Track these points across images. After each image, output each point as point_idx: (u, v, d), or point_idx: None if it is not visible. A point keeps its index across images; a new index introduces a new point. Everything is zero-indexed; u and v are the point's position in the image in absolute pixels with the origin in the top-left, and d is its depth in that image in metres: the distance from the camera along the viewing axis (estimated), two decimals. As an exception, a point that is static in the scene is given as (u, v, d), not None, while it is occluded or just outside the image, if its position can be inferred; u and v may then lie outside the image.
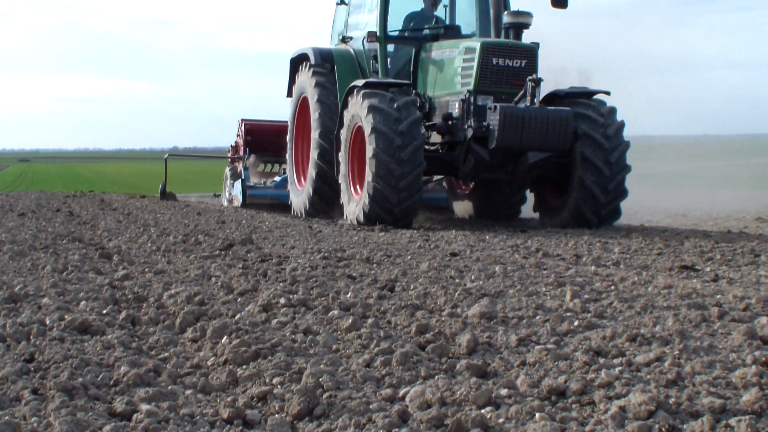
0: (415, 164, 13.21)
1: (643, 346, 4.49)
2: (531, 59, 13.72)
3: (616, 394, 3.53)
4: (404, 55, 15.63)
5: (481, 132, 13.32)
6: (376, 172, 13.07)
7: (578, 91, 14.23)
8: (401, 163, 13.09)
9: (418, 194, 13.58)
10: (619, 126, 13.82)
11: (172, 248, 9.42)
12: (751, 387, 3.51)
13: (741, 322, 5.07)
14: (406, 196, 13.25)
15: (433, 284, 6.67)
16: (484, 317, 5.22)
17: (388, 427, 3.21)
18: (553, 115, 13.14)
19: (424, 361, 4.20)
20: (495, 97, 13.49)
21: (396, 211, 13.23)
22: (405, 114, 13.41)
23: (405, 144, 13.12)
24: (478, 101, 13.54)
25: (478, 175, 14.38)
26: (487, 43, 13.78)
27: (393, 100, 13.60)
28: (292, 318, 5.34)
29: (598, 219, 13.54)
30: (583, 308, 5.62)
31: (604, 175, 13.44)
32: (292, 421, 3.41)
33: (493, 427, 3.22)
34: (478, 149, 13.54)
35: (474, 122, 13.35)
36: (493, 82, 13.62)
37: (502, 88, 13.64)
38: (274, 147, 21.82)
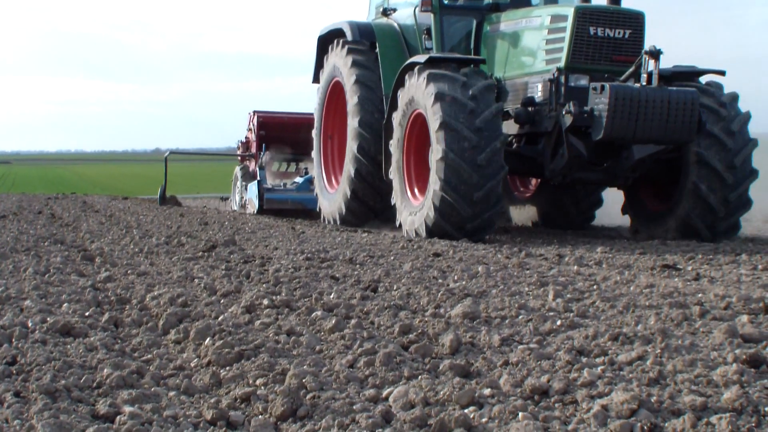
0: (495, 170, 10.75)
1: (626, 345, 4.51)
2: (637, 29, 11.05)
3: (599, 392, 3.55)
4: (461, 29, 12.93)
5: (582, 120, 10.58)
6: (445, 180, 10.65)
7: (685, 70, 11.55)
8: (478, 169, 10.62)
9: (498, 206, 11.13)
10: (744, 119, 11.24)
11: (154, 250, 9.40)
12: (731, 385, 3.53)
13: (722, 321, 5.10)
14: (483, 209, 10.81)
15: (416, 284, 6.68)
16: (467, 317, 5.24)
17: (372, 427, 3.22)
18: (676, 97, 10.35)
19: (408, 362, 4.21)
20: (591, 77, 10.87)
21: (468, 227, 10.84)
22: (483, 104, 10.85)
23: (483, 144, 10.65)
24: (570, 81, 11.01)
25: (571, 175, 11.63)
26: (582, 8, 11.02)
27: (467, 85, 10.95)
28: (276, 319, 5.34)
29: (713, 234, 11.18)
30: (565, 308, 5.65)
31: (726, 182, 11.01)
32: (276, 422, 3.41)
33: (476, 426, 3.23)
34: (575, 142, 10.96)
35: (574, 107, 10.53)
36: (590, 57, 10.96)
37: (601, 64, 11.02)
38: (291, 143, 19.22)
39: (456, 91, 10.90)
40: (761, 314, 5.39)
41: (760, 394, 3.43)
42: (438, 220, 10.88)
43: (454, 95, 10.85)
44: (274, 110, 21.29)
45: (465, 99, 10.83)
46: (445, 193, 10.71)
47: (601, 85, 10.39)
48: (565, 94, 10.98)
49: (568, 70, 11.03)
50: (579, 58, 10.98)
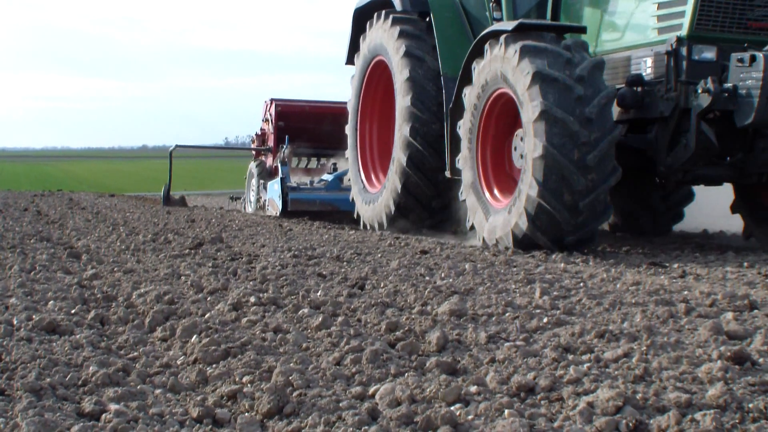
0: (607, 173, 8.82)
1: (612, 342, 4.52)
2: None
3: (585, 390, 3.56)
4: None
5: (722, 101, 8.58)
6: (544, 183, 8.75)
7: None
8: (586, 171, 8.70)
9: (606, 217, 9.27)
10: None
11: (141, 247, 9.38)
12: (716, 382, 3.55)
13: (707, 318, 5.12)
14: (588, 219, 8.94)
15: (403, 282, 6.68)
16: (453, 315, 5.24)
17: (358, 425, 3.22)
18: None
19: (394, 359, 4.21)
20: (719, 48, 8.96)
21: (568, 240, 9.03)
22: (592, 87, 8.88)
23: (594, 140, 8.70)
24: (693, 54, 8.97)
25: (693, 171, 9.53)
26: None
27: (572, 62, 8.96)
28: (262, 316, 5.34)
29: None
30: (552, 305, 5.66)
31: None
32: (262, 419, 3.41)
33: (462, 424, 3.23)
34: (706, 129, 8.88)
35: (713, 85, 8.51)
36: (719, 23, 8.97)
37: (732, 32, 9.00)
38: (314, 135, 17.37)
39: (560, 71, 8.87)
40: (746, 311, 5.41)
41: (744, 390, 3.45)
42: (531, 231, 8.97)
43: (558, 76, 8.81)
44: (293, 98, 19.28)
45: (571, 81, 8.82)
46: (543, 199, 8.74)
47: (750, 56, 8.34)
48: (687, 69, 8.88)
49: (691, 40, 8.91)
50: (705, 25, 8.89)
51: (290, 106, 18.28)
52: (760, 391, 3.46)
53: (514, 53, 9.15)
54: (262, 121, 18.88)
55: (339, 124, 15.80)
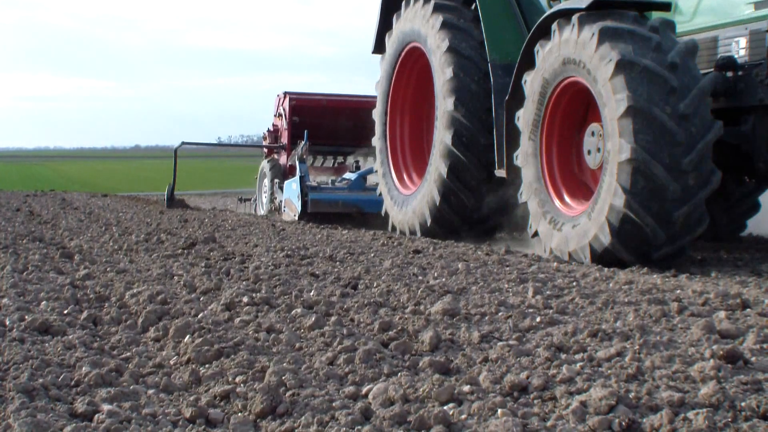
0: (705, 178, 7.67)
1: (604, 341, 4.53)
2: None
3: (578, 389, 3.56)
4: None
5: None
6: (632, 191, 7.58)
7: None
8: (681, 177, 7.57)
9: (700, 229, 7.94)
10: None
11: (134, 247, 9.37)
12: (709, 380, 3.56)
13: (700, 317, 5.13)
14: (682, 232, 7.83)
15: (396, 282, 6.68)
16: (446, 314, 5.24)
17: (351, 424, 3.22)
18: None
19: (387, 359, 4.21)
20: None
21: (656, 255, 7.92)
22: (687, 77, 7.65)
23: (691, 140, 7.54)
24: None
25: None
26: None
27: (661, 47, 7.74)
28: (255, 316, 5.33)
29: None
30: (545, 304, 5.66)
31: None
32: (255, 419, 3.40)
33: (455, 423, 3.24)
34: None
35: None
36: None
37: None
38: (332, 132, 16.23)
39: (649, 57, 7.64)
40: (738, 310, 5.42)
41: (737, 389, 3.46)
42: (615, 246, 7.82)
43: (648, 64, 7.58)
44: (309, 91, 18.02)
45: (663, 70, 7.58)
46: (630, 210, 7.59)
47: None
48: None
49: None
50: None
51: (306, 99, 17.09)
52: (752, 389, 3.47)
53: (591, 36, 7.91)
54: (275, 117, 17.73)
55: (358, 119, 15.26)
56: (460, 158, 10.47)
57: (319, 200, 13.94)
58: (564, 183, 8.87)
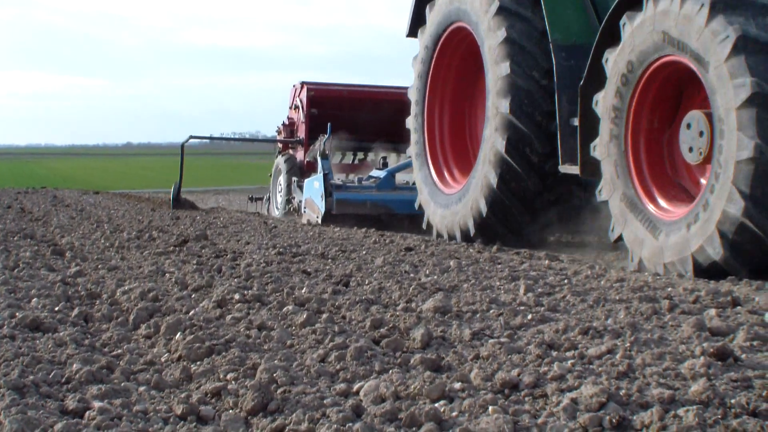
0: None
1: (595, 338, 4.53)
2: None
3: (569, 386, 3.56)
4: None
5: None
6: (751, 195, 6.56)
7: None
8: None
9: None
10: None
11: (125, 244, 9.35)
12: (699, 378, 3.56)
13: (690, 315, 5.14)
14: None
15: (387, 279, 6.69)
16: (438, 311, 5.25)
17: (342, 421, 3.22)
18: None
19: (379, 356, 4.22)
20: None
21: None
22: None
23: None
24: None
25: None
26: None
27: None
28: (247, 314, 5.33)
29: None
30: (536, 302, 5.67)
31: None
32: (246, 416, 3.40)
33: (446, 420, 3.24)
34: None
35: None
36: None
37: None
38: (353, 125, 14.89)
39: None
40: (729, 308, 5.43)
41: (727, 386, 3.47)
42: (726, 259, 6.80)
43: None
44: (328, 82, 16.95)
45: None
46: (749, 219, 6.56)
47: None
48: None
49: None
50: None
51: (325, 90, 16.08)
52: (742, 386, 3.48)
53: (699, 8, 6.78)
54: (290, 109, 16.72)
55: (381, 112, 14.95)
56: (514, 168, 9.28)
57: (345, 200, 12.67)
58: (654, 181, 7.66)
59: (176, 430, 3.23)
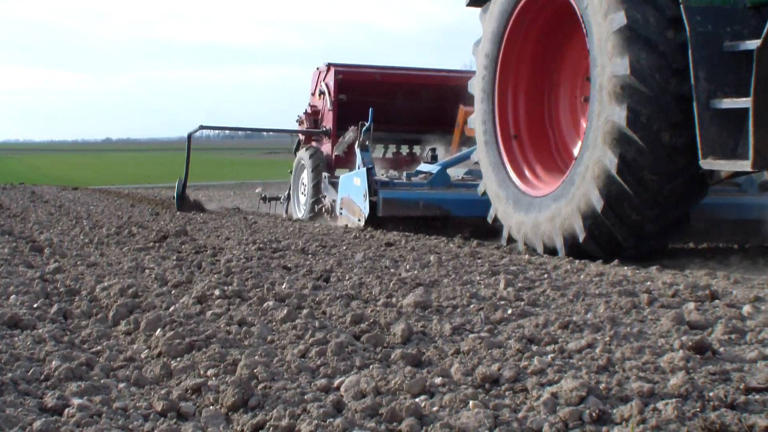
0: None
1: (575, 333, 4.55)
2: None
3: (549, 380, 3.58)
4: None
5: None
6: None
7: None
8: None
9: None
10: None
11: (105, 240, 9.31)
12: (678, 371, 3.59)
13: (670, 308, 5.17)
14: None
15: (368, 274, 6.69)
16: (418, 306, 5.25)
17: (323, 417, 3.22)
18: None
19: (359, 351, 4.22)
20: None
21: None
22: None
23: None
24: None
25: None
26: None
27: None
28: (227, 309, 5.32)
29: None
30: (516, 296, 5.68)
31: None
32: (227, 412, 3.40)
33: (427, 415, 3.24)
34: None
35: None
36: None
37: None
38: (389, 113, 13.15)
39: None
40: (707, 301, 5.46)
41: (705, 379, 3.49)
42: None
43: None
44: (357, 63, 14.85)
45: None
46: None
47: None
48: None
49: None
50: None
51: (356, 73, 13.96)
52: (720, 379, 3.51)
53: None
54: (312, 96, 14.66)
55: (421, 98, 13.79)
56: (625, 190, 7.55)
57: (393, 200, 10.64)
58: None
59: (156, 426, 3.22)
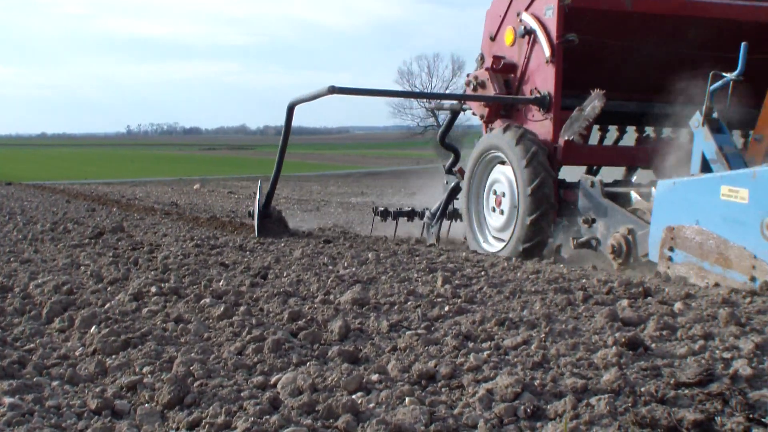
0: None
1: (512, 329, 4.59)
2: None
3: (485, 377, 3.61)
4: None
5: None
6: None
7: None
8: None
9: None
10: None
11: (39, 237, 9.18)
12: (611, 367, 3.64)
13: (604, 305, 5.24)
14: None
15: (306, 271, 6.68)
16: (356, 303, 5.26)
17: (259, 414, 3.21)
18: None
19: (296, 348, 4.21)
20: None
21: None
22: None
23: None
24: None
25: None
26: None
27: None
28: (163, 306, 5.28)
29: None
30: (453, 293, 5.72)
31: None
32: (163, 410, 3.37)
33: (363, 412, 3.25)
34: None
35: None
36: None
37: None
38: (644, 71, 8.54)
39: None
40: (640, 299, 5.55)
41: (637, 375, 3.55)
42: None
43: None
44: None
45: None
46: None
47: None
48: None
49: None
50: None
51: None
52: (651, 375, 3.57)
53: None
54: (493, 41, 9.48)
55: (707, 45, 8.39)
56: None
57: None
58: None
59: (90, 425, 3.18)
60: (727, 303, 5.31)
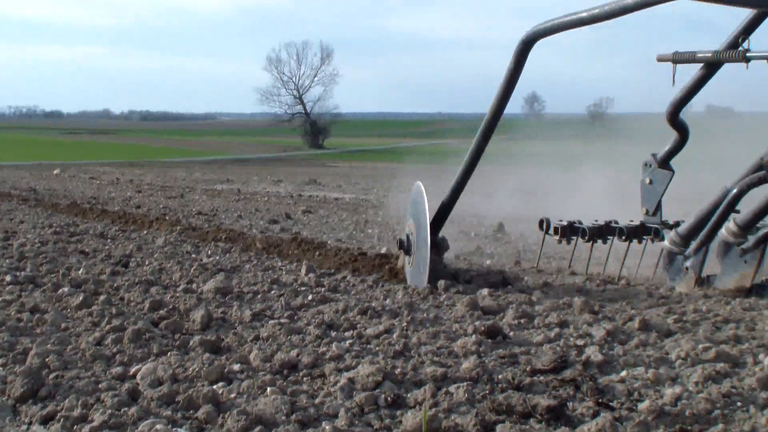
0: None
1: (374, 318, 4.64)
2: None
3: (346, 366, 3.63)
4: None
5: None
6: None
7: None
8: None
9: None
10: None
11: None
12: (470, 355, 3.72)
13: (465, 294, 5.34)
14: None
15: (168, 259, 6.59)
16: (219, 292, 5.22)
17: (118, 405, 3.15)
18: None
19: (157, 338, 4.16)
20: None
21: None
22: None
23: None
24: None
25: None
26: None
27: None
28: (19, 296, 5.13)
29: None
30: (317, 282, 5.73)
31: None
32: (15, 404, 3.28)
33: (224, 402, 3.23)
34: None
35: None
36: None
37: None
38: None
39: None
40: (500, 287, 5.67)
41: (495, 362, 3.64)
42: None
43: None
44: None
45: None
46: None
47: None
48: None
49: None
50: None
51: None
52: (509, 362, 3.66)
53: None
54: None
55: None
56: None
57: None
58: None
59: (-62, 419, 3.07)
60: (582, 292, 5.49)
